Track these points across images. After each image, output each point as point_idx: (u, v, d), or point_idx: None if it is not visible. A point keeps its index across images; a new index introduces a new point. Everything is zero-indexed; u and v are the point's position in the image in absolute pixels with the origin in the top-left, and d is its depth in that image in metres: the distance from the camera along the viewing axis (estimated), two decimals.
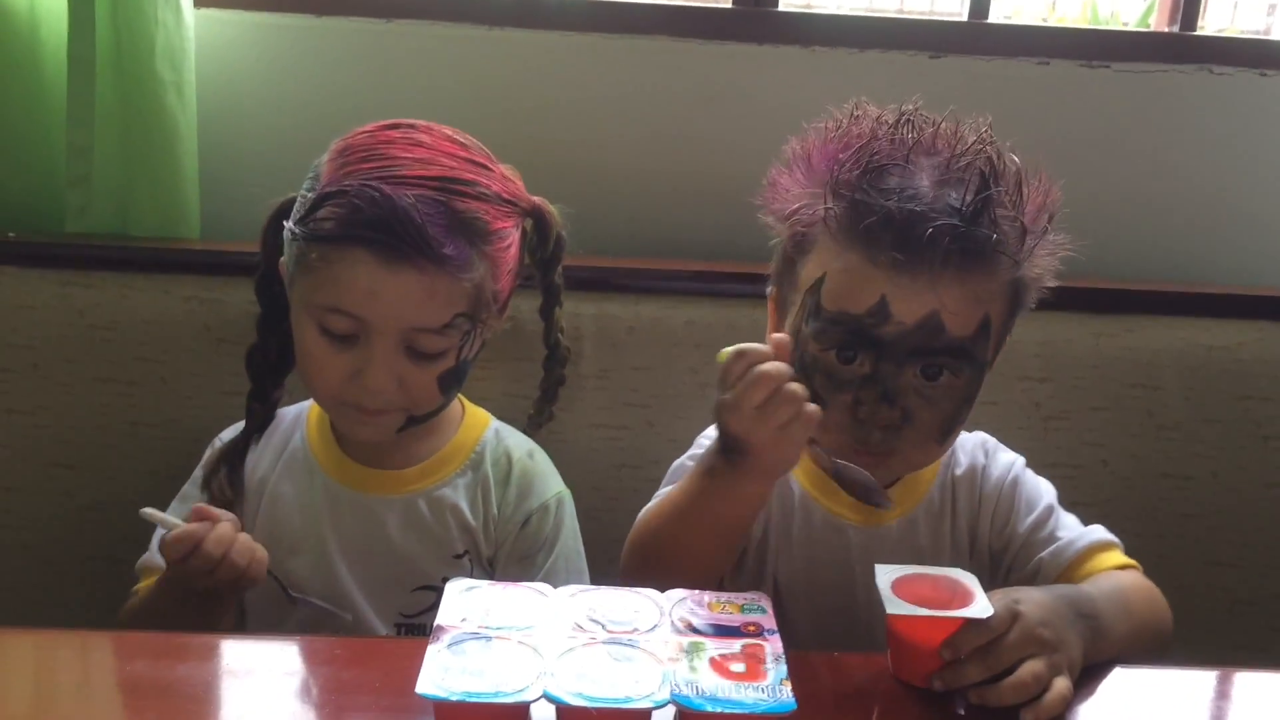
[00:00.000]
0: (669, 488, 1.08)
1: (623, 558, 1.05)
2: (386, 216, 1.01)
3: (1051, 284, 1.05)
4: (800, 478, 1.11)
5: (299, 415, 1.21)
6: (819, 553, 1.10)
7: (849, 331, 0.98)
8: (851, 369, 0.99)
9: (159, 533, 1.12)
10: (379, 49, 1.45)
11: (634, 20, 1.47)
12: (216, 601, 1.05)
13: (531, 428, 1.29)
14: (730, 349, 0.92)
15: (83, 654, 0.95)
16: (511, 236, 1.11)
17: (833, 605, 1.06)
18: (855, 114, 1.03)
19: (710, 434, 1.14)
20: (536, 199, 1.17)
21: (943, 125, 1.01)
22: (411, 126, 1.10)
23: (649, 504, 1.07)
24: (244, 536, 1.04)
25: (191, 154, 1.38)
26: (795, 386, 0.90)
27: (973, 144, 0.99)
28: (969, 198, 0.96)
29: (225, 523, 1.02)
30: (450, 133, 1.12)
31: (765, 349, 0.91)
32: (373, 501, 1.16)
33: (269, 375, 1.17)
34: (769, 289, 1.12)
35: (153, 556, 1.12)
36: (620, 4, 1.50)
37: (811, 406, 0.90)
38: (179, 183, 1.38)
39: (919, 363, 0.98)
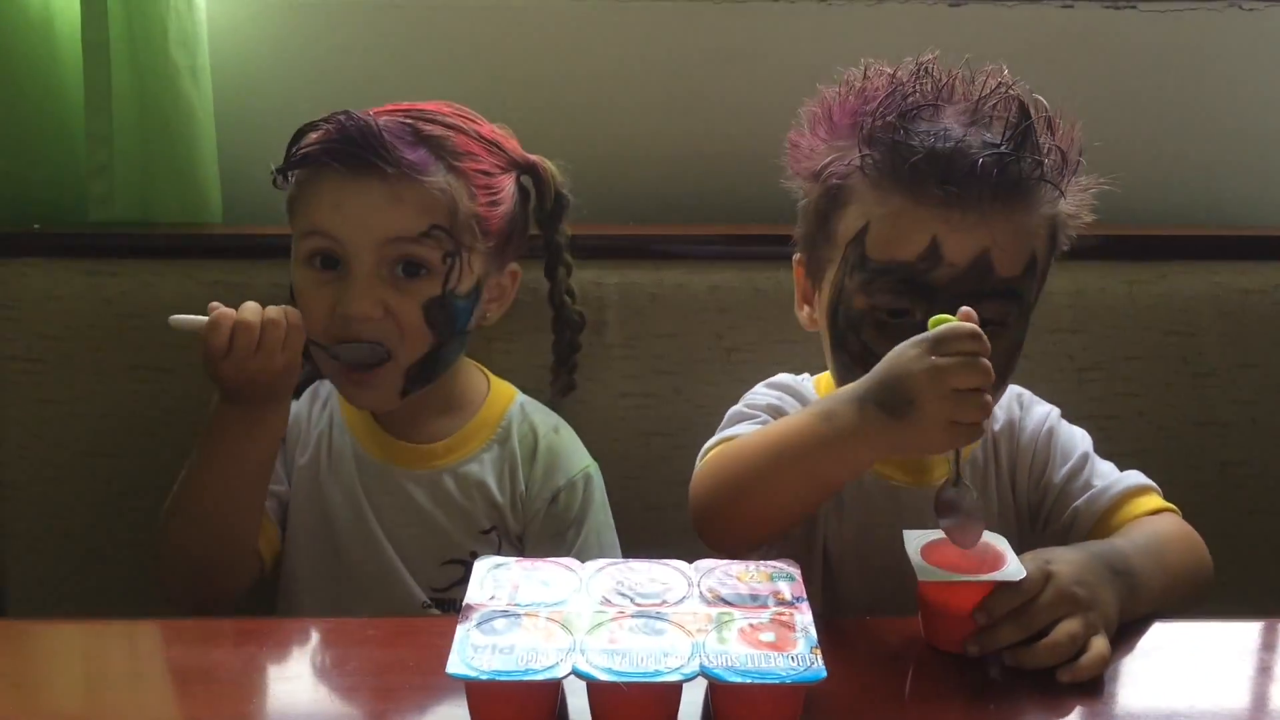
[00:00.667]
0: (743, 426, 1.06)
1: (697, 489, 1.01)
2: (349, 131, 1.06)
3: (1083, 228, 1.04)
4: None
5: None
6: (872, 517, 1.09)
7: (899, 280, 0.97)
8: (902, 321, 0.97)
9: None
10: (392, 23, 1.44)
11: None
12: (269, 413, 1.06)
13: (555, 394, 1.28)
14: (965, 324, 0.86)
15: (129, 642, 0.97)
16: (492, 169, 1.13)
17: (886, 568, 1.04)
18: (868, 73, 1.03)
19: (762, 391, 1.13)
20: (533, 156, 1.18)
21: (959, 74, 1.00)
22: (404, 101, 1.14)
23: (726, 439, 1.04)
24: (271, 306, 1.05)
25: (210, 138, 1.38)
26: (990, 398, 0.86)
27: (996, 86, 0.99)
28: (1007, 132, 0.96)
29: (248, 302, 1.04)
30: (444, 103, 1.16)
31: (989, 343, 0.86)
32: (400, 474, 1.17)
33: None
34: (795, 255, 1.10)
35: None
36: None
37: (987, 423, 0.87)
38: (199, 167, 1.38)
39: (971, 307, 0.96)
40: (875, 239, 0.98)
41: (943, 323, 0.87)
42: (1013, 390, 1.15)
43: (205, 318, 1.03)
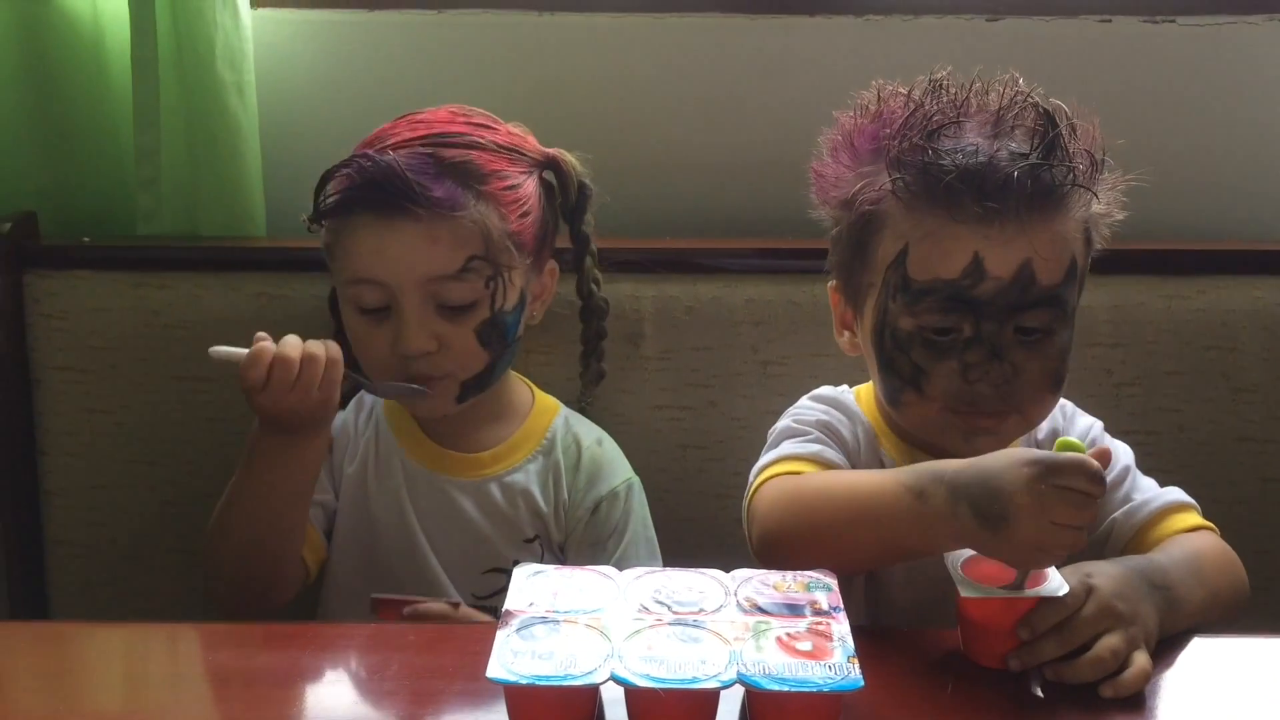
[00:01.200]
0: (794, 444, 1.04)
1: (766, 520, 0.99)
2: (374, 176, 1.07)
3: (1123, 242, 1.05)
4: (890, 453, 1.08)
5: None
6: None
7: (945, 299, 0.97)
8: (951, 337, 0.98)
9: None
10: (432, 40, 1.46)
11: None
12: (307, 443, 1.06)
13: (586, 384, 1.30)
14: (1091, 462, 0.83)
15: (171, 646, 0.99)
16: (517, 179, 1.13)
17: (929, 582, 1.04)
18: (881, 95, 1.04)
19: (808, 405, 1.11)
20: (551, 150, 1.19)
21: (974, 87, 1.01)
22: (417, 111, 1.16)
23: (783, 459, 1.02)
24: (311, 341, 1.04)
25: (255, 153, 1.41)
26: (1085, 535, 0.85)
27: (1014, 96, 1.00)
28: (1035, 140, 0.97)
29: (289, 335, 1.04)
30: (457, 108, 1.17)
31: (1105, 483, 0.84)
32: (446, 483, 1.19)
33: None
34: (830, 282, 1.11)
35: None
36: None
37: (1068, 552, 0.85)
38: (244, 181, 1.40)
39: (1018, 317, 0.97)
40: (916, 260, 0.98)
41: (1069, 448, 0.85)
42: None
43: (245, 350, 1.02)
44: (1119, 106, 1.40)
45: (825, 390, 1.15)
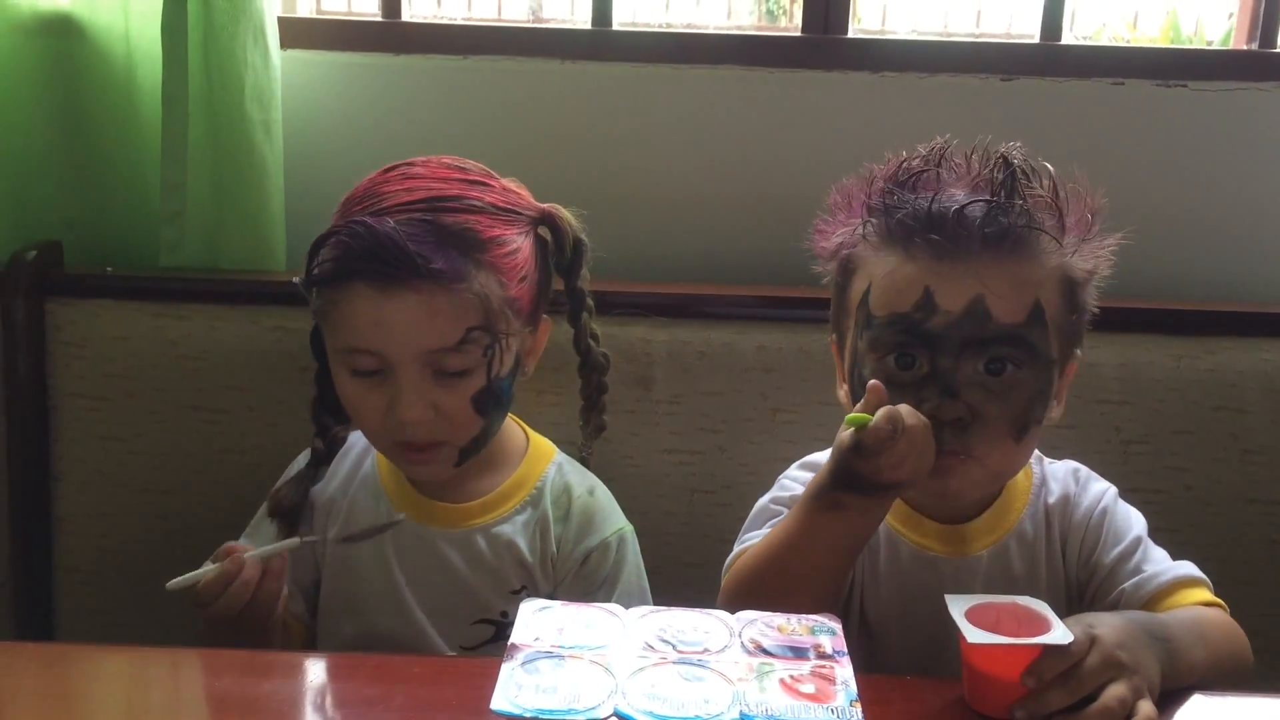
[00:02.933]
0: (760, 531, 1.08)
1: (733, 605, 1.00)
2: (372, 246, 1.03)
3: (1132, 301, 1.09)
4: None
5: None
6: (910, 588, 1.09)
7: (901, 331, 1.00)
8: (911, 373, 1.00)
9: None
10: (456, 84, 1.49)
11: (704, 50, 1.49)
12: (252, 633, 1.05)
13: (587, 436, 1.27)
14: (875, 416, 0.94)
15: (173, 671, 0.99)
16: (515, 243, 1.10)
17: (927, 638, 1.05)
18: (888, 159, 1.08)
19: (795, 476, 1.15)
20: (546, 206, 1.17)
21: (974, 153, 1.04)
22: (410, 164, 1.12)
23: (744, 550, 1.07)
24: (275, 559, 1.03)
25: (278, 190, 1.43)
26: (904, 409, 0.95)
27: (996, 157, 1.03)
28: (997, 179, 1.00)
29: (248, 565, 1.01)
30: (451, 160, 1.14)
31: (894, 408, 0.94)
32: (433, 534, 1.17)
33: (332, 418, 1.19)
34: (830, 336, 1.13)
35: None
36: (690, 35, 1.53)
37: (919, 426, 0.95)
38: (267, 218, 1.43)
39: (977, 356, 0.99)
40: (876, 297, 1.02)
41: (854, 424, 0.94)
42: (1070, 465, 1.14)
43: (204, 571, 1.02)
44: (1130, 167, 1.44)
45: (818, 457, 1.16)
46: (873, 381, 0.96)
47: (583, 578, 1.17)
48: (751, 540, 1.07)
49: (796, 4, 1.55)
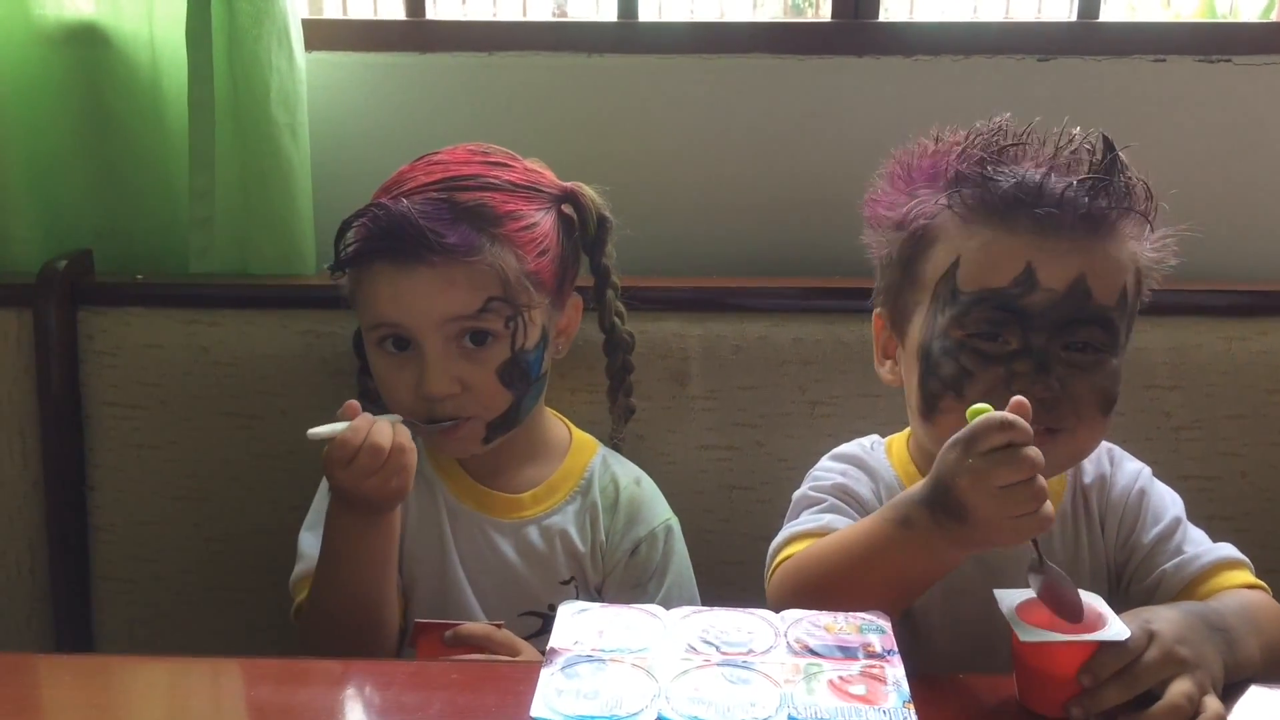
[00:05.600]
0: (809, 515, 1.05)
1: (779, 594, 1.00)
2: (389, 225, 1.08)
3: (1181, 283, 1.04)
4: None
5: None
6: (958, 580, 1.05)
7: (994, 308, 0.96)
8: (998, 345, 0.97)
9: (304, 540, 1.15)
10: (482, 81, 1.47)
11: (733, 39, 1.46)
12: (378, 521, 1.06)
13: (616, 419, 1.28)
14: (994, 414, 0.85)
15: (212, 680, 0.99)
16: (534, 218, 1.13)
17: (972, 629, 1.03)
18: (939, 135, 1.05)
19: (827, 467, 1.13)
20: (569, 184, 1.19)
21: (1032, 128, 1.02)
22: (437, 152, 1.17)
23: (792, 537, 1.03)
24: (399, 427, 1.04)
25: (306, 193, 1.42)
26: (1043, 481, 0.85)
27: (1071, 138, 1.00)
28: (1095, 158, 0.98)
29: (382, 421, 1.04)
30: (476, 146, 1.18)
31: (1028, 428, 0.84)
32: (486, 523, 1.18)
33: (374, 408, 1.18)
34: (875, 310, 1.11)
35: (305, 565, 1.14)
36: (718, 24, 1.51)
37: (1049, 507, 0.85)
38: (295, 221, 1.42)
39: (1068, 335, 0.96)
40: (966, 271, 0.98)
41: (977, 414, 0.86)
42: (1103, 446, 1.12)
43: (343, 425, 1.02)
44: (1174, 147, 1.41)
45: (847, 447, 1.14)
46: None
47: (633, 568, 1.18)
48: (801, 528, 1.04)
49: None
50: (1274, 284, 1.41)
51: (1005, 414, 0.84)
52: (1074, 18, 1.48)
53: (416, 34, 1.49)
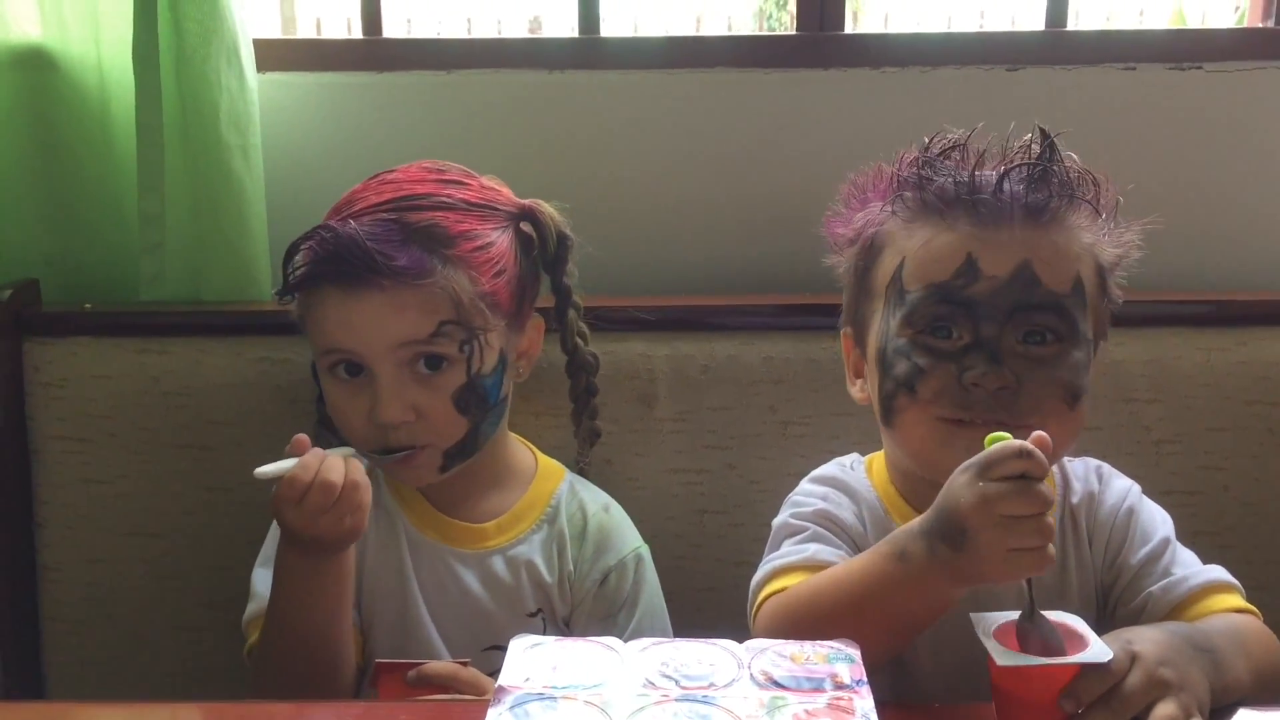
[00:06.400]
0: (790, 546, 1.01)
1: (768, 635, 0.94)
2: (336, 248, 1.05)
3: (1157, 294, 1.06)
4: (900, 526, 1.03)
5: None
6: None
7: (938, 301, 0.96)
8: (951, 341, 0.95)
9: (257, 577, 1.12)
10: (441, 100, 1.44)
11: (696, 54, 1.44)
12: (332, 561, 1.02)
13: (581, 443, 1.25)
14: (1012, 441, 0.82)
15: None
16: (489, 238, 1.10)
17: (960, 656, 0.97)
18: (899, 154, 1.05)
19: (807, 490, 1.09)
20: (527, 201, 1.16)
21: (978, 136, 1.02)
22: (390, 170, 1.13)
23: (775, 570, 1.00)
24: (351, 461, 1.00)
25: (260, 216, 1.39)
26: (1052, 520, 0.82)
27: (1021, 140, 1.00)
28: (1034, 150, 0.97)
29: (333, 457, 1.00)
30: (431, 164, 1.15)
31: (1045, 461, 0.81)
32: (448, 554, 1.15)
33: (333, 435, 1.15)
34: (843, 330, 1.09)
35: (257, 605, 1.10)
36: (681, 39, 1.48)
37: (1052, 550, 0.82)
38: (248, 245, 1.38)
39: (1020, 325, 0.95)
40: (910, 270, 0.98)
41: (996, 441, 0.83)
42: (1090, 463, 1.10)
43: (290, 462, 0.98)
44: (1145, 155, 1.39)
45: (827, 468, 1.12)
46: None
47: (602, 599, 1.15)
48: (784, 561, 1.01)
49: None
50: (1250, 293, 1.39)
51: (1024, 443, 0.82)
52: (1042, 27, 1.46)
53: (373, 53, 1.46)
